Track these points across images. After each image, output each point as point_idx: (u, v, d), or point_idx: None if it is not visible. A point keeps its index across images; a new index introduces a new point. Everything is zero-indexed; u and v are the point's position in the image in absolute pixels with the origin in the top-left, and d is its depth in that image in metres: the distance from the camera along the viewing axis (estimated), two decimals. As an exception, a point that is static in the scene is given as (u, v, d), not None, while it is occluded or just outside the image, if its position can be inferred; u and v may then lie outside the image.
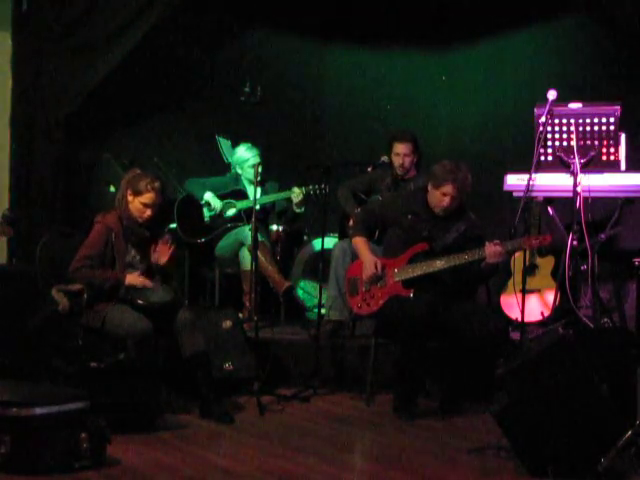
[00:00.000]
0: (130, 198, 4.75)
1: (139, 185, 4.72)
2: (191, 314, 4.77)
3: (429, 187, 4.86)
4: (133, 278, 4.67)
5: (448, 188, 4.76)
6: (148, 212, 4.75)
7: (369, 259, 4.95)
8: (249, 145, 6.34)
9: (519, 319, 5.00)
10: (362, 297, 4.98)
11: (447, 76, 7.29)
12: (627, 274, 5.37)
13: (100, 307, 4.66)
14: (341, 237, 6.05)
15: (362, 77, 7.53)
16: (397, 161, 5.78)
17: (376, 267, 4.90)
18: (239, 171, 6.36)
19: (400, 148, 5.76)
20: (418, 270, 4.83)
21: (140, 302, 4.62)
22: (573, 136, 4.82)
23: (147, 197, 4.71)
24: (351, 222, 5.19)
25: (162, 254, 4.80)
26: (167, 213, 5.91)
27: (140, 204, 4.72)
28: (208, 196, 6.28)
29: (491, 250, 4.64)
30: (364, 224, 5.12)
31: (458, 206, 4.89)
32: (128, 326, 4.52)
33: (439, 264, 4.78)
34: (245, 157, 6.30)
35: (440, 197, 4.80)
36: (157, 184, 4.74)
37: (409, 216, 4.94)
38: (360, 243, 5.06)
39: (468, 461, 3.96)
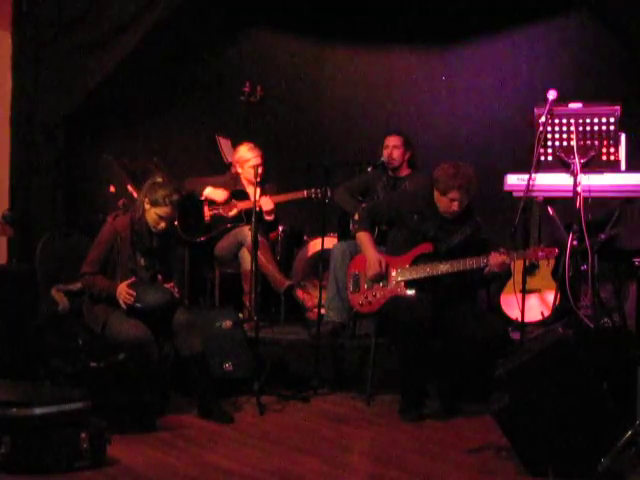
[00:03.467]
0: (147, 207, 4.73)
1: (157, 196, 4.68)
2: (188, 315, 4.76)
3: (435, 193, 4.84)
4: (119, 290, 4.61)
5: (455, 194, 4.74)
6: (162, 224, 4.73)
7: (374, 257, 4.94)
8: (252, 146, 6.32)
9: (519, 319, 5.00)
10: (364, 295, 4.98)
11: (447, 76, 7.29)
12: (627, 274, 5.36)
13: (100, 311, 4.67)
14: (341, 238, 6.05)
15: (362, 77, 7.53)
16: (386, 153, 5.88)
17: (380, 266, 4.90)
18: (239, 170, 6.36)
19: (388, 140, 5.91)
20: (421, 272, 4.82)
21: (137, 305, 4.61)
22: (573, 136, 4.82)
23: (163, 210, 4.69)
24: (356, 216, 5.18)
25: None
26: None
27: (155, 215, 4.71)
28: (208, 191, 6.27)
29: (496, 260, 4.63)
30: (370, 219, 5.10)
31: (465, 209, 4.88)
32: (126, 335, 4.52)
33: (442, 268, 4.77)
34: (246, 157, 6.29)
35: (448, 203, 4.78)
36: (175, 197, 4.70)
37: (415, 216, 4.92)
38: (365, 238, 5.03)
39: (468, 461, 3.97)
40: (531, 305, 5.55)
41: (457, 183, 4.71)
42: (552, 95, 4.85)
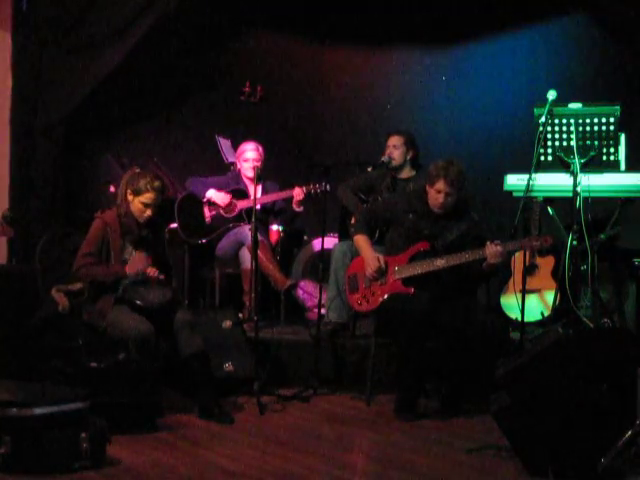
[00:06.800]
0: (130, 198, 4.74)
1: (139, 184, 4.71)
2: (190, 315, 4.77)
3: (427, 187, 4.89)
4: (133, 264, 4.64)
5: (440, 185, 4.79)
6: (148, 212, 4.74)
7: (372, 255, 4.97)
8: (254, 145, 6.31)
9: (519, 319, 5.01)
10: (362, 294, 4.99)
11: (447, 76, 7.29)
12: (627, 274, 5.37)
13: (102, 305, 4.66)
14: (341, 238, 6.05)
15: (362, 77, 7.53)
16: (387, 153, 5.83)
17: (379, 261, 4.92)
18: (239, 165, 6.36)
19: (389, 140, 5.85)
20: (419, 268, 4.85)
21: (139, 303, 4.62)
22: (573, 136, 4.82)
23: (147, 197, 4.71)
24: (353, 220, 5.20)
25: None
26: (168, 213, 5.91)
27: (140, 204, 4.72)
28: (211, 193, 6.26)
29: (491, 250, 4.66)
30: (366, 223, 5.15)
31: (459, 205, 4.90)
32: (129, 328, 4.52)
33: (440, 263, 4.80)
34: (242, 149, 6.31)
35: (435, 195, 4.84)
36: (157, 183, 4.73)
37: (410, 215, 4.97)
38: (362, 241, 5.08)
39: (468, 461, 3.97)
40: (531, 305, 5.55)
41: (443, 173, 4.76)
42: (552, 95, 4.86)
